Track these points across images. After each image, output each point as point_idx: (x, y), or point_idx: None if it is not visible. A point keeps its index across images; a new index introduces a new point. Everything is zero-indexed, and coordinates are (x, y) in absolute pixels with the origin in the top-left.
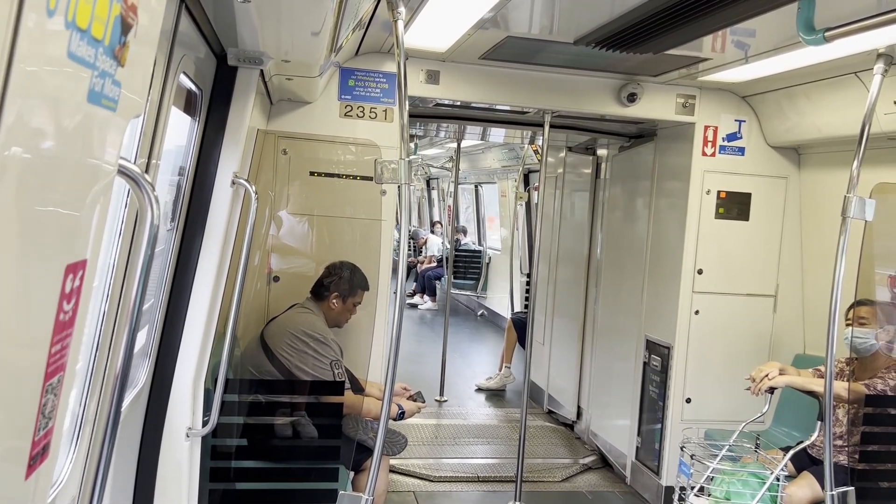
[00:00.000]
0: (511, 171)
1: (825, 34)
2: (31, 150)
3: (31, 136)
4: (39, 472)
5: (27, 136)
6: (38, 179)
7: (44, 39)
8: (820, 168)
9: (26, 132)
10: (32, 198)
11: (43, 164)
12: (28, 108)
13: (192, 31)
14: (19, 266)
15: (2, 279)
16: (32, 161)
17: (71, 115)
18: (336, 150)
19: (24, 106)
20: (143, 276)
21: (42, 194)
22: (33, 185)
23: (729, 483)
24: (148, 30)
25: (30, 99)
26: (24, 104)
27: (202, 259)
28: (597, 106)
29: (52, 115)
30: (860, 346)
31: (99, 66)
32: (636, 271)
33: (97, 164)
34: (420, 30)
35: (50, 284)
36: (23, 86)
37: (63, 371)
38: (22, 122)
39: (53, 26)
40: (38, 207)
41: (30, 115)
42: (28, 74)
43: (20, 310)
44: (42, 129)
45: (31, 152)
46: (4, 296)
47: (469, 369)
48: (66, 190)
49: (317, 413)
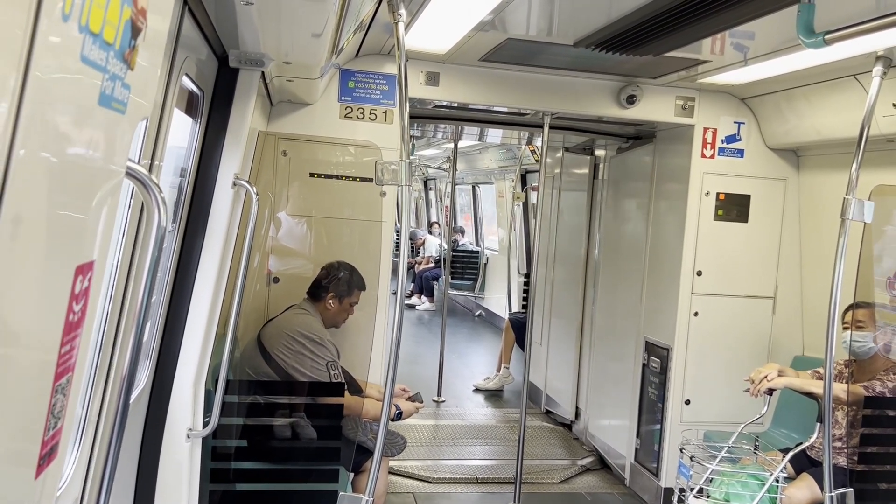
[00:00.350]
0: (508, 172)
1: (825, 37)
2: (44, 152)
3: (45, 138)
4: (48, 471)
5: (41, 139)
6: (50, 182)
7: (59, 44)
8: (819, 170)
9: (40, 135)
10: (44, 200)
11: (55, 167)
12: (43, 111)
13: (194, 34)
14: (30, 267)
15: (13, 280)
16: (45, 163)
17: (83, 119)
18: (336, 151)
19: (39, 109)
20: (151, 277)
21: (53, 196)
22: (45, 187)
23: (728, 484)
24: (156, 33)
25: (45, 103)
26: (39, 107)
27: (203, 260)
28: (596, 108)
29: (66, 118)
30: (858, 349)
31: (110, 69)
32: (635, 272)
33: (107, 166)
34: (420, 32)
35: (60, 285)
36: (39, 89)
37: (72, 371)
38: (36, 125)
39: (68, 31)
40: (49, 209)
41: (44, 119)
42: (44, 78)
43: (31, 310)
44: (55, 132)
45: (45, 154)
46: (16, 297)
47: (467, 370)
48: (76, 192)
49: (316, 414)
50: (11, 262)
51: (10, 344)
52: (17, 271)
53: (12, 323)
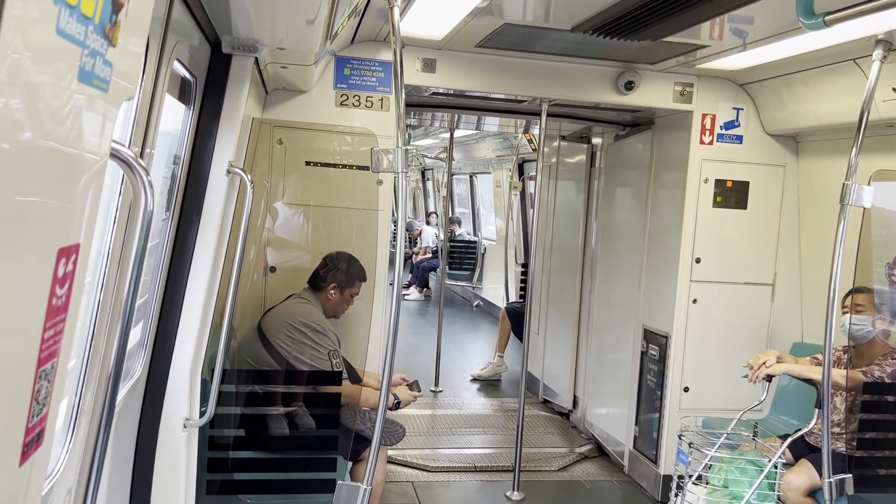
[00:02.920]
0: (505, 161)
1: (825, 18)
2: (19, 128)
3: (21, 113)
4: (34, 459)
5: (17, 114)
6: (28, 160)
7: (31, 14)
8: (818, 156)
9: (15, 110)
10: (22, 179)
11: (32, 144)
12: (17, 84)
13: (185, 18)
14: (9, 249)
15: None
16: (22, 140)
17: (61, 94)
18: (332, 139)
19: (13, 82)
20: (138, 263)
21: (33, 175)
22: (23, 165)
23: (727, 471)
24: (140, 10)
25: (19, 75)
26: (12, 80)
27: (198, 249)
28: (594, 94)
29: (42, 92)
30: (857, 333)
31: (89, 44)
32: (633, 260)
33: (89, 145)
34: (416, 17)
35: (42, 269)
36: (11, 61)
37: (57, 357)
38: (11, 98)
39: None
40: (28, 188)
41: (19, 92)
42: (16, 49)
43: (11, 294)
44: (32, 108)
45: (20, 131)
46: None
47: (464, 359)
48: (58, 171)
49: (315, 403)
50: None
51: None
52: None
53: None
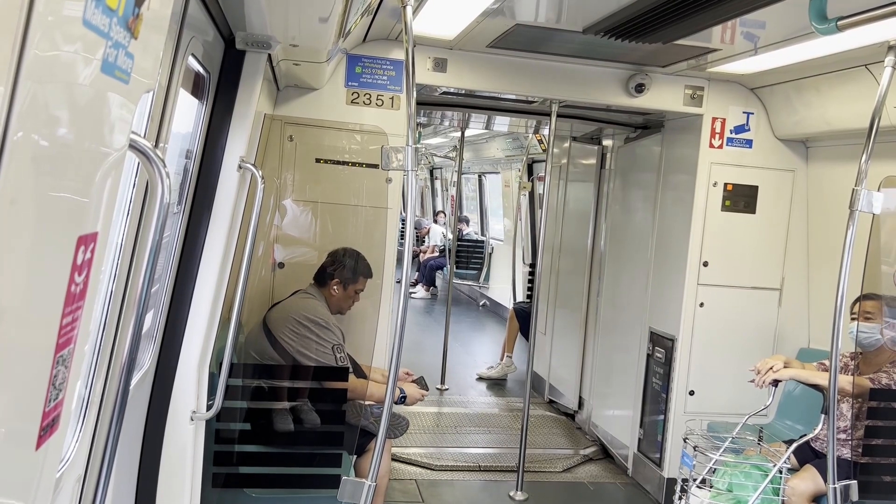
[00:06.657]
0: (515, 161)
1: (838, 23)
2: (45, 118)
3: (46, 103)
4: (49, 444)
5: (42, 104)
6: (52, 149)
7: (60, 4)
8: (828, 161)
9: (41, 99)
10: (46, 168)
11: (57, 134)
12: (42, 73)
13: (200, 14)
14: (32, 236)
15: (15, 250)
16: (46, 130)
17: (85, 85)
18: (342, 137)
19: (39, 72)
20: (153, 252)
21: (55, 164)
22: (47, 155)
23: (731, 475)
24: (160, 4)
25: (44, 65)
26: (38, 69)
27: (208, 243)
28: (605, 96)
29: (67, 83)
30: (865, 340)
31: (113, 36)
32: (640, 263)
33: (110, 136)
34: (428, 17)
35: (62, 256)
36: (39, 51)
37: (74, 344)
38: (37, 89)
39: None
40: (51, 177)
41: (44, 82)
42: (42, 39)
43: (33, 280)
44: (56, 98)
45: (45, 121)
46: (18, 266)
47: (470, 358)
48: (79, 161)
49: (320, 398)
50: (10, 230)
51: (10, 313)
52: (17, 240)
53: (12, 291)
